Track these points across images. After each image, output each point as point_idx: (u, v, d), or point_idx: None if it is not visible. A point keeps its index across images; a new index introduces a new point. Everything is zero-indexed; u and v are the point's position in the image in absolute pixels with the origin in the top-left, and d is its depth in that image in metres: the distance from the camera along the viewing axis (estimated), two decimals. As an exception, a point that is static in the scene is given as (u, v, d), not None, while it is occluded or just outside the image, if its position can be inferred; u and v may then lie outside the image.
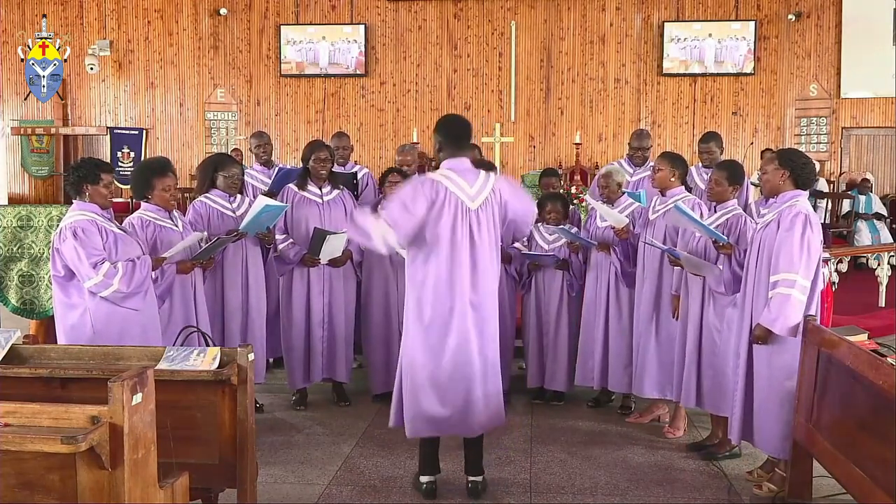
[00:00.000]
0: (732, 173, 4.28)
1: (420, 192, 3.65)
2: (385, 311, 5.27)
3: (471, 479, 3.89)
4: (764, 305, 3.72)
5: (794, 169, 3.75)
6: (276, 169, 6.11)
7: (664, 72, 11.65)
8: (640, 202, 5.16)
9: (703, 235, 4.24)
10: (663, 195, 4.73)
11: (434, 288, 3.69)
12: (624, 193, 5.11)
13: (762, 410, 3.81)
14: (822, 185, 10.40)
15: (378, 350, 5.32)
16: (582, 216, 5.91)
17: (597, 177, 5.33)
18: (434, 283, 3.69)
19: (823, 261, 4.11)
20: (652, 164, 5.86)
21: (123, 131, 12.15)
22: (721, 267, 4.04)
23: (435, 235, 3.67)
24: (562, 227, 5.15)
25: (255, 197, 5.08)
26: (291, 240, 5.08)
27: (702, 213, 4.44)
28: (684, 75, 11.65)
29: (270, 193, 5.59)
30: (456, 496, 3.89)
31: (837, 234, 9.91)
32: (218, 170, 4.89)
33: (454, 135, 3.82)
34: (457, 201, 3.68)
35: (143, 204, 4.36)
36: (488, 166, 5.35)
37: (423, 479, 3.89)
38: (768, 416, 3.79)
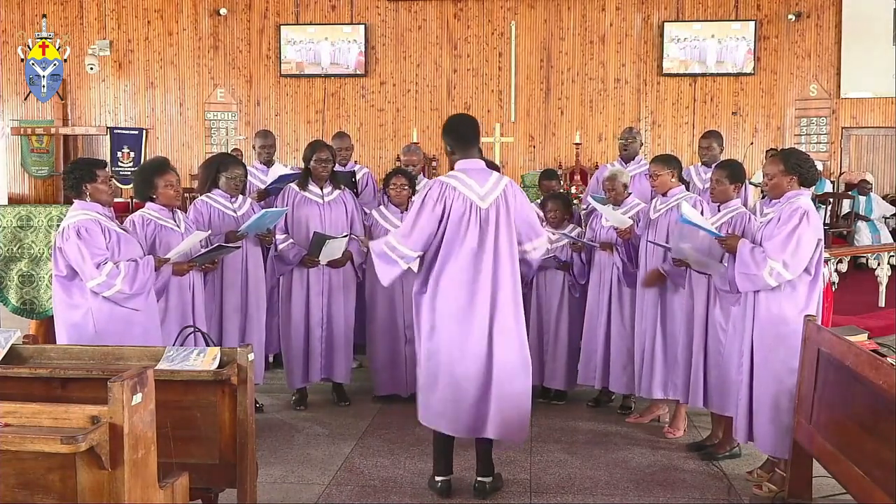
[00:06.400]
0: (732, 172, 4.29)
1: (428, 202, 3.70)
2: (390, 314, 5.27)
3: (479, 479, 3.89)
4: (765, 303, 3.75)
5: (801, 172, 3.80)
6: (277, 167, 6.12)
7: (664, 72, 11.65)
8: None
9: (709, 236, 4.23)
10: (664, 195, 4.73)
11: (446, 287, 3.71)
12: (630, 194, 5.13)
13: (759, 410, 3.82)
14: (827, 187, 10.39)
15: (383, 352, 5.32)
16: (582, 216, 5.92)
17: (595, 177, 5.35)
18: (446, 282, 3.71)
19: (823, 261, 4.11)
20: (642, 160, 5.93)
21: (123, 131, 12.13)
22: (726, 265, 4.05)
23: (445, 236, 3.71)
24: (565, 232, 5.19)
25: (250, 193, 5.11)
26: (292, 240, 5.08)
27: (702, 210, 4.44)
28: (684, 75, 11.64)
29: (265, 192, 5.60)
30: (458, 495, 3.89)
31: (837, 234, 9.90)
32: (221, 170, 4.89)
33: (463, 135, 3.86)
34: (466, 200, 3.71)
35: (147, 204, 4.36)
36: (495, 169, 5.38)
37: (438, 478, 3.90)
38: (764, 415, 3.80)
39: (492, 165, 5.52)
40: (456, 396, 3.73)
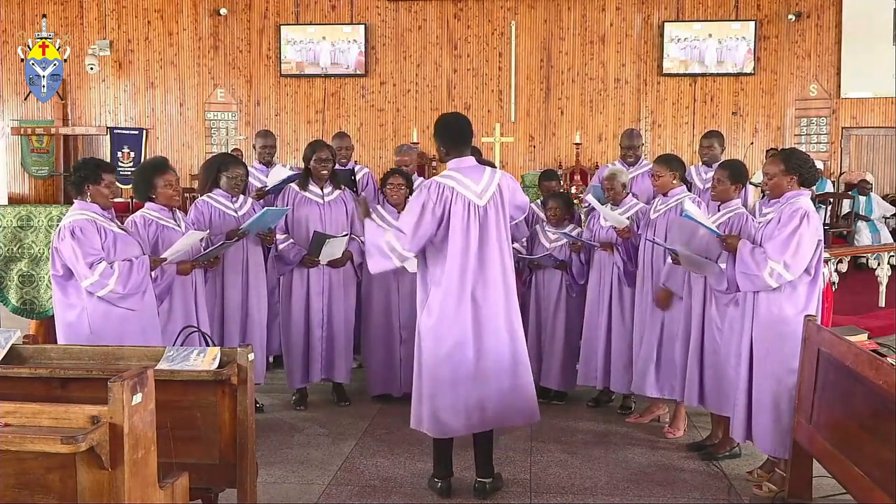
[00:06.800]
0: (734, 172, 4.29)
1: (428, 204, 3.69)
2: (385, 313, 5.27)
3: (479, 479, 3.89)
4: (765, 303, 3.75)
5: (802, 172, 3.80)
6: (278, 166, 6.11)
7: (664, 72, 11.65)
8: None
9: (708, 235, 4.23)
10: (665, 195, 4.73)
11: (447, 287, 3.71)
12: (629, 194, 5.13)
13: (759, 410, 3.82)
14: (828, 187, 10.39)
15: (377, 351, 5.32)
16: (582, 216, 5.92)
17: (595, 176, 5.35)
18: (447, 282, 3.71)
19: (823, 261, 4.11)
20: (645, 161, 5.91)
21: (123, 131, 12.14)
22: (722, 265, 4.04)
23: (446, 236, 3.71)
24: (564, 231, 5.19)
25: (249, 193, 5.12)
26: (292, 240, 5.08)
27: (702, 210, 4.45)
28: (684, 75, 11.64)
29: (264, 192, 5.59)
30: (458, 495, 3.89)
31: (837, 234, 9.90)
32: (222, 170, 4.90)
33: (454, 135, 3.85)
34: (465, 200, 3.72)
35: (146, 204, 4.36)
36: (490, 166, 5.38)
37: (437, 479, 3.91)
38: (764, 415, 3.80)
39: (488, 164, 5.54)
40: (479, 394, 3.75)
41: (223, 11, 12.02)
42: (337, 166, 5.53)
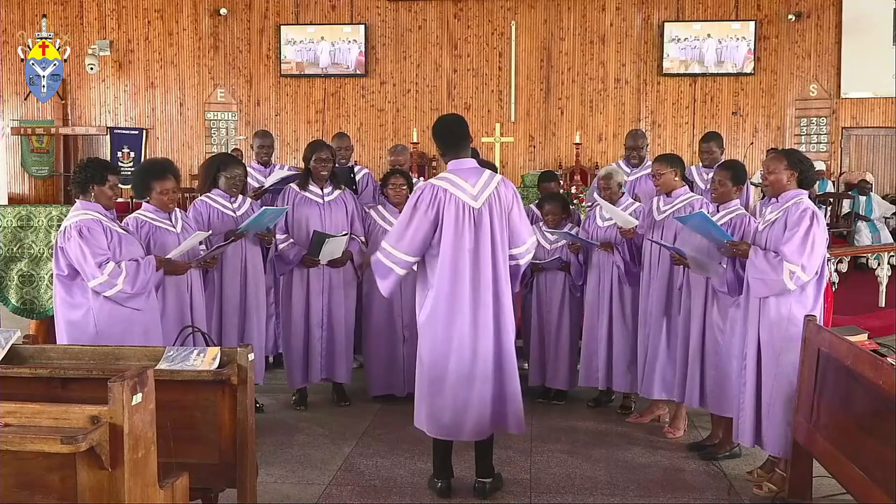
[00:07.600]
0: (735, 173, 4.29)
1: (420, 204, 3.70)
2: (388, 313, 5.26)
3: (479, 479, 3.89)
4: (774, 304, 3.73)
5: (803, 170, 3.80)
6: (277, 167, 6.11)
7: (664, 72, 11.65)
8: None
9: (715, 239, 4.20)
10: (668, 195, 4.72)
11: (440, 289, 3.71)
12: (624, 194, 5.12)
13: (770, 412, 3.80)
14: (829, 187, 10.39)
15: (379, 352, 5.31)
16: (581, 216, 5.91)
17: (597, 177, 5.34)
18: (440, 283, 3.71)
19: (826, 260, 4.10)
20: (649, 162, 5.89)
21: (123, 131, 12.15)
22: (724, 266, 4.03)
23: (443, 240, 3.70)
24: (563, 231, 5.18)
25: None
26: (292, 240, 5.08)
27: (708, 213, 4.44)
28: (684, 75, 11.64)
29: (261, 192, 5.59)
30: (458, 495, 3.89)
31: (837, 234, 9.90)
32: (221, 170, 4.90)
33: (452, 137, 3.86)
34: (458, 202, 3.71)
35: (143, 204, 4.36)
36: (490, 168, 5.38)
37: (437, 480, 3.91)
38: (775, 416, 3.77)
39: (488, 165, 5.54)
40: (474, 399, 3.74)
41: (223, 11, 12.03)
42: (336, 166, 5.53)
